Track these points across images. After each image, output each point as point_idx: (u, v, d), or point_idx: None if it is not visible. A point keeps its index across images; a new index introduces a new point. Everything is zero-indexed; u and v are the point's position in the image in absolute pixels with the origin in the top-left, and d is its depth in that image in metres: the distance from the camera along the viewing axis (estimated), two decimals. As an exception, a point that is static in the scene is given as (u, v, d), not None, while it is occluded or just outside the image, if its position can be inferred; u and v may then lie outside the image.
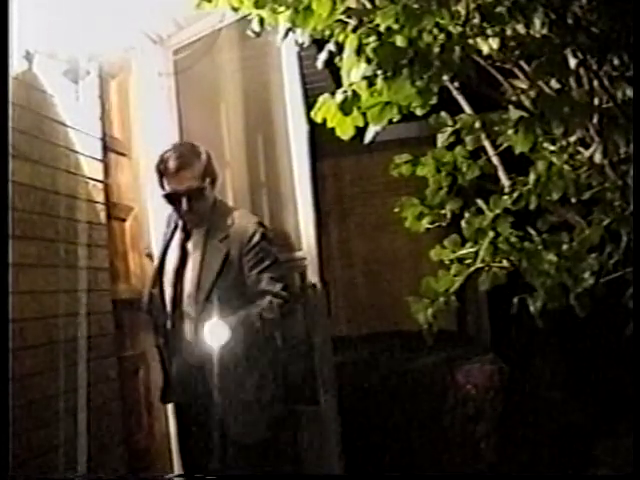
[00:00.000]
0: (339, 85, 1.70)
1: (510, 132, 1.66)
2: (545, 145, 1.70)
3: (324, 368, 2.86)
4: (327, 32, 1.73)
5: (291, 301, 2.39)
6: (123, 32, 3.13)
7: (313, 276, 2.89)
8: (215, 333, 2.23)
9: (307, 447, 2.80)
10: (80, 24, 2.53)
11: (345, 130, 1.72)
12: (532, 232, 1.71)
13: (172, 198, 2.39)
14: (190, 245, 2.42)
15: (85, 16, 2.53)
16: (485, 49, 1.67)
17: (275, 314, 2.32)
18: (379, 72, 1.60)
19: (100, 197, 2.95)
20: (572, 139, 1.67)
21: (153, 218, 3.55)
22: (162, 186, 2.44)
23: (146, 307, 2.60)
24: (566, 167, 1.67)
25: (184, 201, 2.35)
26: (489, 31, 1.63)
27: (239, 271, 2.34)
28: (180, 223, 2.47)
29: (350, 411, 2.84)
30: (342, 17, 1.69)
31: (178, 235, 2.46)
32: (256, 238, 2.35)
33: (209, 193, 2.41)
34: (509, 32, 1.64)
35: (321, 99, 1.72)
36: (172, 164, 2.36)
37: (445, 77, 1.62)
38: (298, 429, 2.76)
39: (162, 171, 2.39)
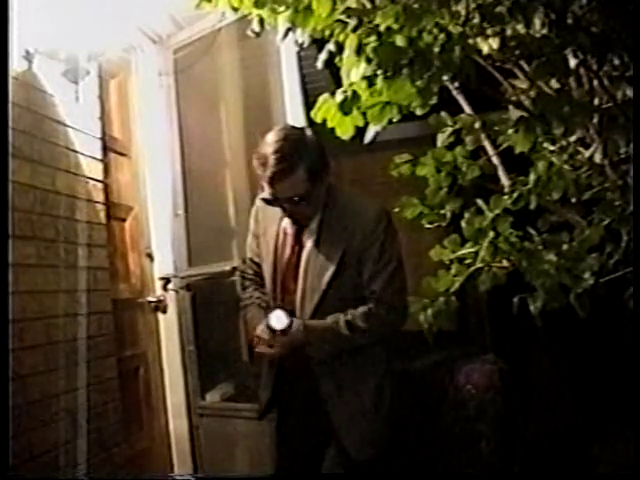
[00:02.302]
0: (339, 85, 1.70)
1: (510, 132, 1.66)
2: (545, 145, 1.70)
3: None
4: (327, 32, 1.73)
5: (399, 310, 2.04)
6: (123, 32, 3.13)
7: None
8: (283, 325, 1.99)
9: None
10: (80, 24, 2.53)
11: (345, 130, 1.73)
12: (532, 232, 1.71)
13: (272, 203, 2.06)
14: (304, 237, 2.10)
15: (85, 16, 2.53)
16: (485, 49, 1.67)
17: (370, 324, 2.02)
18: (379, 72, 1.60)
19: (100, 197, 2.95)
20: (572, 139, 1.67)
21: (153, 218, 3.56)
22: (261, 186, 2.07)
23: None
24: (566, 167, 1.67)
25: (287, 206, 2.03)
26: (489, 31, 1.63)
27: (356, 271, 2.06)
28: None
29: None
30: (342, 17, 1.69)
31: (288, 226, 2.13)
32: (379, 232, 2.03)
33: (319, 189, 2.06)
34: (509, 32, 1.64)
35: (321, 99, 1.72)
36: (269, 171, 1.95)
37: (445, 77, 1.62)
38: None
39: (259, 171, 2.01)
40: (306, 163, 1.96)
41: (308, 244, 2.09)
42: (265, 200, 2.06)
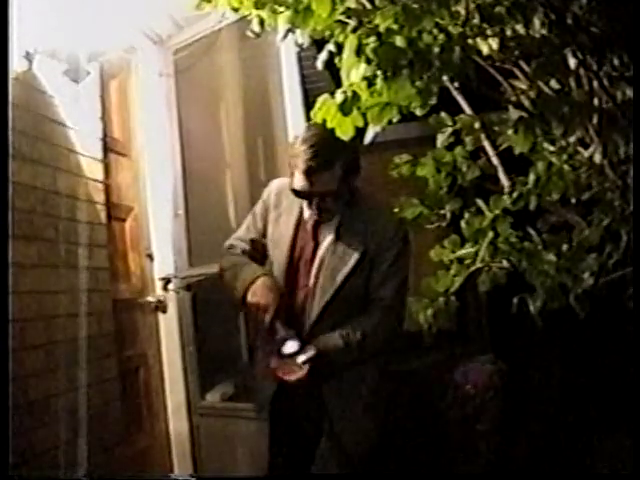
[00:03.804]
0: (339, 85, 1.70)
1: (510, 132, 1.66)
2: (545, 145, 1.70)
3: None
4: (327, 33, 1.73)
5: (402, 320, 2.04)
6: (123, 32, 3.14)
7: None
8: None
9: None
10: (80, 24, 2.53)
11: (345, 130, 1.72)
12: (532, 232, 1.71)
13: (301, 195, 2.05)
14: (321, 236, 2.10)
15: (85, 16, 2.53)
16: (485, 49, 1.66)
17: (379, 334, 2.04)
18: (379, 72, 1.60)
19: (100, 197, 2.95)
20: (572, 139, 1.67)
21: (153, 218, 3.56)
22: (292, 174, 2.05)
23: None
24: (566, 167, 1.67)
25: (315, 200, 2.02)
26: (489, 31, 1.63)
27: (369, 272, 2.06)
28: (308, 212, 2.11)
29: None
30: (342, 17, 1.68)
31: (310, 220, 2.11)
32: (397, 239, 2.05)
33: (348, 188, 2.07)
34: (509, 32, 1.63)
35: (321, 99, 1.72)
36: (307, 163, 1.95)
37: (445, 77, 1.62)
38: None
39: (293, 163, 2.01)
40: (342, 160, 1.99)
41: (325, 242, 2.09)
42: (295, 191, 2.05)
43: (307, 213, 2.12)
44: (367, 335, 2.03)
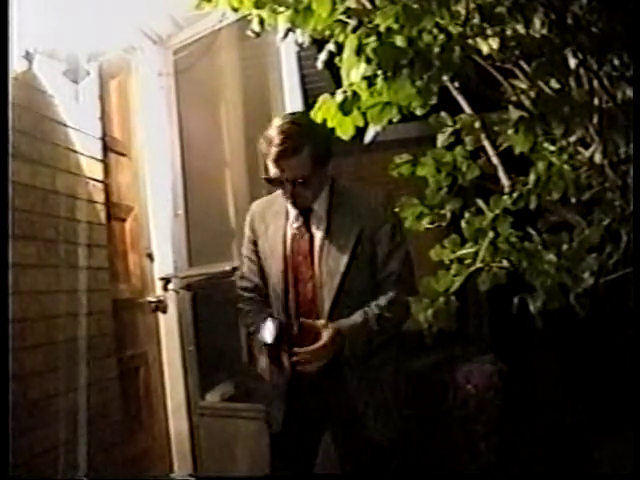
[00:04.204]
0: (339, 85, 1.70)
1: (510, 132, 1.66)
2: (545, 145, 1.70)
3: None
4: (327, 32, 1.73)
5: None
6: (123, 32, 3.14)
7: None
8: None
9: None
10: (80, 24, 2.53)
11: (345, 130, 1.72)
12: (532, 232, 1.71)
13: (274, 182, 2.09)
14: (313, 226, 2.13)
15: (85, 16, 2.53)
16: (485, 49, 1.66)
17: (395, 313, 2.02)
18: (379, 72, 1.60)
19: (100, 197, 2.95)
20: (572, 139, 1.67)
21: (153, 218, 3.56)
22: (265, 167, 2.11)
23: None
24: (566, 167, 1.66)
25: (288, 187, 2.05)
26: (489, 31, 1.63)
27: (371, 255, 2.08)
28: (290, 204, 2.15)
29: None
30: (342, 17, 1.68)
31: (294, 217, 2.15)
32: (388, 214, 2.07)
33: (321, 174, 2.09)
34: (509, 32, 1.63)
35: (321, 99, 1.72)
36: (275, 150, 2.00)
37: (445, 77, 1.61)
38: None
39: (265, 151, 2.05)
40: (311, 145, 2.03)
41: (319, 231, 2.12)
42: (268, 180, 2.10)
43: (292, 214, 2.15)
44: (384, 309, 2.04)
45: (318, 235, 2.11)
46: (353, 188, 2.21)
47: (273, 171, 2.05)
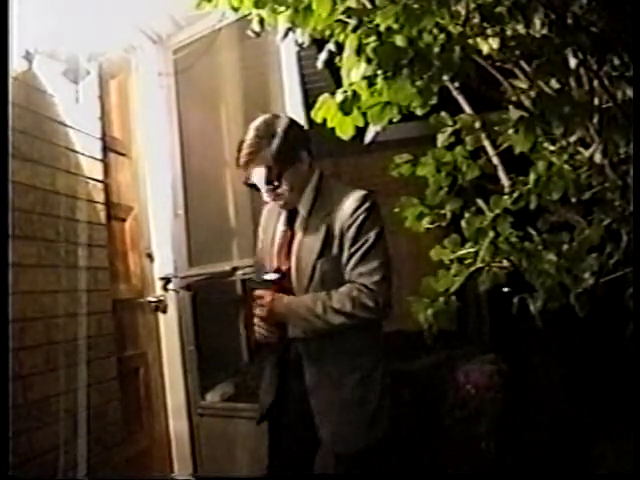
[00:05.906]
0: (339, 85, 1.70)
1: (510, 132, 1.66)
2: (545, 145, 1.70)
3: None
4: (327, 32, 1.73)
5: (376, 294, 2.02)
6: (123, 32, 3.14)
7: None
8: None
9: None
10: (80, 24, 2.53)
11: (345, 130, 1.72)
12: (532, 232, 1.71)
13: (252, 187, 2.15)
14: (296, 225, 2.17)
15: (85, 16, 2.53)
16: (485, 49, 1.67)
17: (343, 306, 2.01)
18: (379, 72, 1.60)
19: (100, 197, 2.95)
20: (572, 139, 1.67)
21: (153, 218, 3.56)
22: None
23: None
24: (566, 167, 1.67)
25: (266, 191, 2.12)
26: (489, 31, 1.63)
27: (339, 252, 2.07)
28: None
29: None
30: (342, 17, 1.69)
31: (285, 216, 2.22)
32: (358, 213, 2.05)
33: (294, 174, 2.11)
34: (509, 32, 1.64)
35: (321, 99, 1.72)
36: (242, 159, 2.09)
37: (445, 77, 1.61)
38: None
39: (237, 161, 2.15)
40: (272, 147, 2.06)
41: (300, 229, 2.15)
42: (247, 184, 2.16)
43: (282, 214, 2.21)
44: (330, 301, 2.02)
45: (298, 233, 2.15)
46: (337, 187, 2.20)
47: (244, 177, 2.14)
